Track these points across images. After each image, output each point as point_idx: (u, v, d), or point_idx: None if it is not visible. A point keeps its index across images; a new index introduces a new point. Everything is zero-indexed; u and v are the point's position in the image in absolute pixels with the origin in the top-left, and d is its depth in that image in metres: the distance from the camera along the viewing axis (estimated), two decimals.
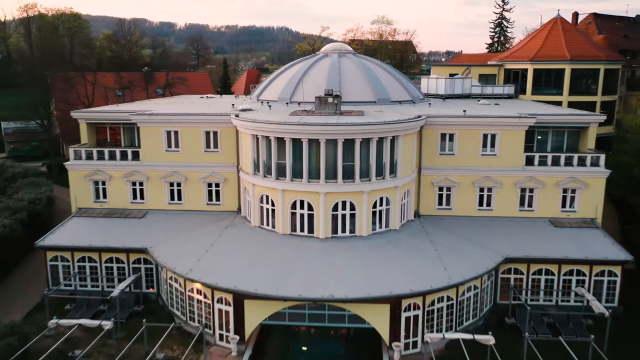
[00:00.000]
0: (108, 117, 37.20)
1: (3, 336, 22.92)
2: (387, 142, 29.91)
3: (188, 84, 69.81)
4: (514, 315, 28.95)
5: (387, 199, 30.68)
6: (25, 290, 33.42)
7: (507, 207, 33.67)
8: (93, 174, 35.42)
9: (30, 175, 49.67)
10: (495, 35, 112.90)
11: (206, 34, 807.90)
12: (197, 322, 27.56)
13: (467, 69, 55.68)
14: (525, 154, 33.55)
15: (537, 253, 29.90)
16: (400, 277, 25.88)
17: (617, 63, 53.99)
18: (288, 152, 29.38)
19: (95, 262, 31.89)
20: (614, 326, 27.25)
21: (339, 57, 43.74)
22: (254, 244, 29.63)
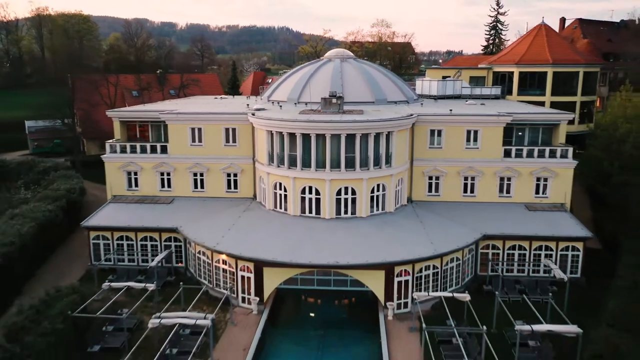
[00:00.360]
0: (138, 116, 42.60)
1: (67, 294, 28.20)
2: (383, 137, 35.23)
3: (200, 85, 75.03)
4: (491, 284, 34.22)
5: (383, 186, 35.99)
6: (70, 266, 38.71)
7: (488, 193, 38.99)
8: (126, 165, 40.76)
9: (60, 169, 55.08)
10: (490, 38, 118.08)
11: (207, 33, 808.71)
12: (222, 288, 32.86)
13: (458, 72, 61.02)
14: (503, 147, 38.88)
15: (512, 231, 35.20)
16: (393, 249, 31.21)
17: (595, 66, 59.29)
18: (298, 145, 34.69)
19: (131, 240, 37.21)
20: (576, 293, 32.58)
21: (341, 61, 49.06)
22: (269, 224, 34.96)
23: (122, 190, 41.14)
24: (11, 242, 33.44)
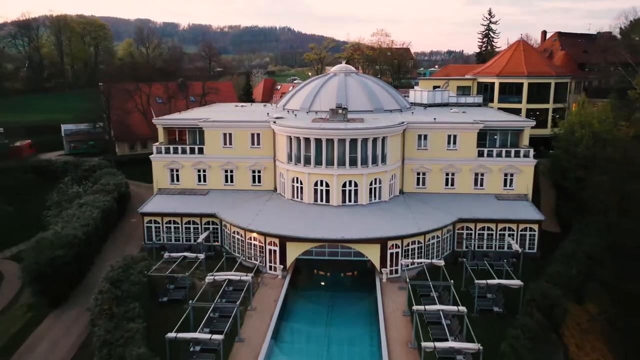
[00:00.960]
0: (179, 123, 52.12)
1: (140, 260, 37.70)
2: (380, 141, 44.72)
3: (218, 93, 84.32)
4: (465, 257, 43.62)
5: (379, 180, 45.48)
6: (126, 244, 48.24)
7: (464, 186, 48.46)
8: (170, 163, 50.33)
9: (103, 167, 64.64)
10: (483, 45, 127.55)
11: (209, 34, 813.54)
12: (253, 259, 42.34)
13: (446, 82, 70.46)
14: (477, 149, 48.33)
15: (482, 215, 44.66)
16: (387, 227, 40.69)
17: (565, 78, 68.70)
18: (312, 147, 44.20)
19: (177, 223, 46.71)
20: (531, 263, 42.01)
21: (345, 76, 58.61)
22: (289, 209, 44.48)
23: (166, 184, 50.69)
24: (88, 224, 42.98)
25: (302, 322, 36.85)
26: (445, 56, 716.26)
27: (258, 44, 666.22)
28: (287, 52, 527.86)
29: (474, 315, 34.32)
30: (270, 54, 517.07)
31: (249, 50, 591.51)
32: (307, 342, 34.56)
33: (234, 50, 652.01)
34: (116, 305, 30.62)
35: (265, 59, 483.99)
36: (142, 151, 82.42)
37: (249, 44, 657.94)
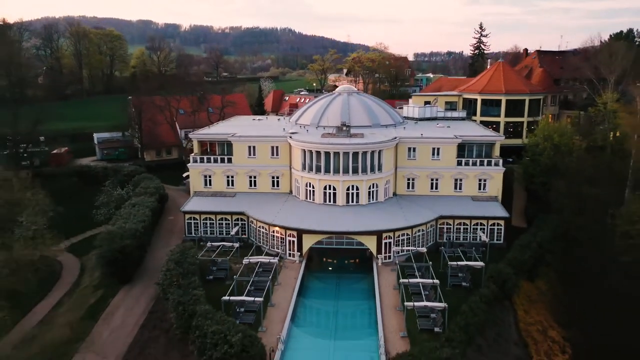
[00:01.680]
0: (211, 137, 63.50)
1: (190, 248, 49.06)
2: (377, 153, 56.10)
3: (235, 105, 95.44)
4: (444, 246, 54.88)
5: (376, 184, 56.88)
6: (169, 238, 59.57)
7: (446, 189, 59.83)
8: (204, 171, 61.74)
9: (138, 173, 75.97)
10: (474, 57, 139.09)
11: (211, 35, 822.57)
12: (275, 248, 53.67)
13: (435, 99, 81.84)
14: (457, 159, 59.68)
15: (458, 213, 56.03)
16: (382, 222, 52.05)
17: (538, 95, 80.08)
18: (322, 159, 55.59)
19: (212, 220, 58.10)
20: (497, 252, 53.29)
21: (348, 95, 70.07)
22: (304, 208, 55.86)
23: (200, 187, 62.11)
24: (143, 220, 54.45)
25: (315, 295, 48.19)
26: (445, 57, 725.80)
27: (259, 45, 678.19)
28: (289, 54, 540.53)
29: (448, 289, 45.59)
30: (272, 56, 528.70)
31: (250, 52, 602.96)
32: (320, 308, 45.93)
33: (236, 51, 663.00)
34: (182, 279, 42.01)
35: (267, 61, 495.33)
36: (167, 157, 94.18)
37: (250, 45, 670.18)
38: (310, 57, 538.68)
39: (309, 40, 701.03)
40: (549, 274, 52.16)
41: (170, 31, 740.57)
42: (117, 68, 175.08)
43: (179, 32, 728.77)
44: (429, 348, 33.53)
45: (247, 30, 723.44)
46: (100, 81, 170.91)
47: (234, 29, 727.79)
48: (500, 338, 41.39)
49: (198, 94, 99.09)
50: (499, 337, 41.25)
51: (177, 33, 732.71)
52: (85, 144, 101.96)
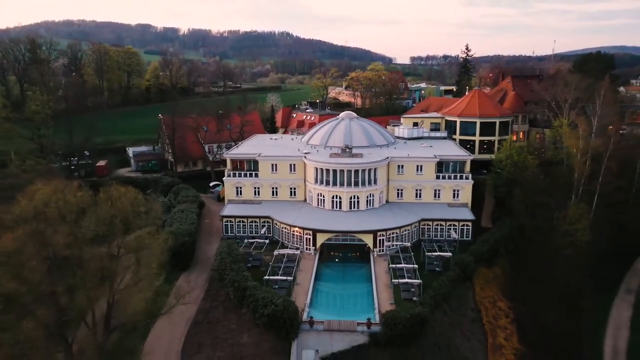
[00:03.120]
0: (240, 157, 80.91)
1: (233, 243, 66.33)
2: (373, 170, 73.64)
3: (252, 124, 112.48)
4: (425, 242, 72.33)
5: (373, 194, 74.41)
6: (210, 237, 76.81)
7: (428, 198, 77.40)
8: (236, 183, 79.17)
9: (177, 183, 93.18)
10: (461, 75, 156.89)
11: (209, 39, 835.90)
12: (296, 244, 71.00)
13: (422, 121, 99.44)
14: (436, 174, 77.25)
15: (436, 216, 73.57)
16: (377, 223, 69.56)
17: (506, 117, 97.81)
18: (330, 174, 73.09)
19: (244, 222, 75.45)
20: (465, 247, 70.76)
21: (349, 120, 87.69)
22: (316, 213, 73.32)
23: (233, 196, 79.49)
24: (193, 222, 71.82)
25: (327, 280, 65.47)
26: (441, 60, 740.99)
27: (257, 49, 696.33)
28: (287, 59, 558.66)
29: (425, 273, 63.00)
30: (271, 61, 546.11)
31: (249, 56, 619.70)
32: (331, 287, 63.30)
33: (234, 55, 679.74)
34: (232, 265, 59.41)
35: (267, 66, 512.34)
36: (194, 168, 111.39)
37: (249, 49, 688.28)
38: (308, 62, 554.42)
39: (307, 44, 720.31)
40: (503, 262, 69.86)
41: (169, 35, 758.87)
42: (133, 82, 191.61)
43: (178, 35, 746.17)
44: (407, 307, 51.09)
45: (246, 34, 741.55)
46: (118, 93, 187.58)
47: (232, 32, 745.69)
48: (461, 306, 59.00)
49: (218, 113, 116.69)
50: (460, 305, 58.87)
51: (175, 37, 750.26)
52: (119, 155, 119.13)
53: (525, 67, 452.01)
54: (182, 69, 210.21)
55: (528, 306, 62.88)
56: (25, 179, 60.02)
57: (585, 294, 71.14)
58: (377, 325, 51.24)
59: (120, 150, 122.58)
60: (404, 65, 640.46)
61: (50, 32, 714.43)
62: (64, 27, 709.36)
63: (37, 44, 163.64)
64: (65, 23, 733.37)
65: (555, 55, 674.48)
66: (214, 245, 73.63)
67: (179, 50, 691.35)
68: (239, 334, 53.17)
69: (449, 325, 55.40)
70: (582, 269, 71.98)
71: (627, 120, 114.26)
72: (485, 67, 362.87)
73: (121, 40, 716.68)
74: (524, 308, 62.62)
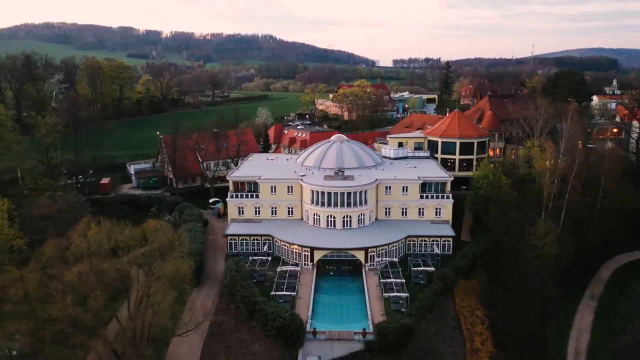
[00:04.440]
0: (242, 179, 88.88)
1: (240, 260, 74.26)
2: (363, 192, 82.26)
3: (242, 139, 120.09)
4: (410, 257, 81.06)
5: (363, 214, 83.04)
6: (215, 254, 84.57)
7: (413, 215, 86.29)
8: (238, 204, 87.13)
9: (181, 202, 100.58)
10: (442, 89, 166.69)
11: (192, 41, 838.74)
12: (295, 260, 79.18)
13: (406, 141, 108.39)
14: (420, 194, 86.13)
15: (420, 233, 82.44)
16: (368, 241, 78.16)
17: (483, 138, 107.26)
18: (325, 196, 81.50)
19: (247, 240, 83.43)
20: (447, 261, 79.70)
21: (340, 143, 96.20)
22: (313, 231, 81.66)
23: (236, 216, 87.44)
24: (201, 241, 79.54)
25: (325, 292, 73.78)
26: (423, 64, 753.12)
27: (241, 52, 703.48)
28: (271, 63, 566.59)
29: (411, 285, 71.68)
30: (255, 65, 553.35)
31: (232, 58, 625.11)
32: (328, 299, 71.64)
33: (218, 58, 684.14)
34: (241, 281, 67.42)
35: (251, 70, 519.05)
36: (192, 184, 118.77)
37: (232, 52, 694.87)
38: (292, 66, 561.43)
39: (290, 47, 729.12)
40: (480, 275, 79.01)
41: (151, 38, 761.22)
42: (125, 94, 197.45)
43: (160, 38, 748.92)
44: (396, 318, 59.75)
45: (229, 37, 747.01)
46: (111, 106, 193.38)
47: (215, 35, 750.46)
48: (443, 315, 67.89)
49: (214, 131, 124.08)
50: (442, 314, 67.75)
51: (158, 40, 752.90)
52: (120, 172, 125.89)
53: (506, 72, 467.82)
54: (172, 80, 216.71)
55: (502, 314, 71.93)
56: (55, 209, 67.06)
57: (553, 301, 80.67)
58: (371, 334, 59.77)
59: (121, 167, 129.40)
60: (387, 68, 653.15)
61: (31, 34, 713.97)
62: (45, 30, 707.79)
63: (33, 59, 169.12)
64: (46, 26, 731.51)
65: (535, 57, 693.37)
66: (220, 261, 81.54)
67: (162, 53, 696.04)
68: (251, 344, 61.29)
69: (433, 332, 64.19)
70: (550, 279, 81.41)
71: (594, 136, 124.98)
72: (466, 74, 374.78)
73: (103, 44, 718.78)
74: (498, 315, 71.68)
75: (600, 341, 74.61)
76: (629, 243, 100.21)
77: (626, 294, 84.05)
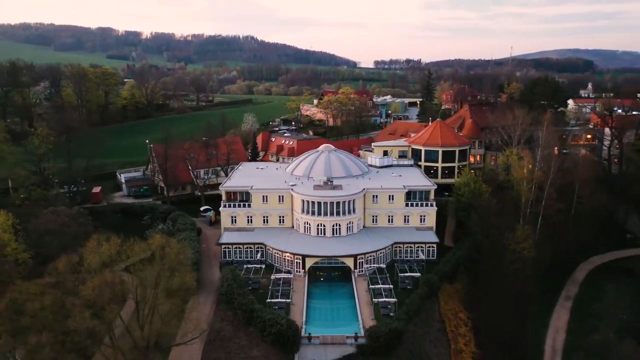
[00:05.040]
0: (234, 189, 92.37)
1: (235, 269, 77.79)
2: (352, 201, 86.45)
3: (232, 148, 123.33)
4: (397, 262, 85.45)
5: (352, 222, 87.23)
6: (209, 261, 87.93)
7: (399, 223, 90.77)
8: (231, 213, 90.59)
9: (173, 210, 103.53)
10: (424, 96, 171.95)
11: (173, 42, 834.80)
12: (287, 267, 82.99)
13: (391, 150, 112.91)
14: (405, 202, 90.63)
15: (407, 240, 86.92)
16: (356, 248, 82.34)
17: (464, 146, 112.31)
18: (315, 205, 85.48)
19: (240, 248, 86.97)
20: (431, 265, 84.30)
21: (328, 153, 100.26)
22: (304, 239, 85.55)
23: (229, 225, 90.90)
24: (197, 251, 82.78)
25: (317, 297, 77.70)
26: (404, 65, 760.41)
27: (222, 53, 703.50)
28: (253, 66, 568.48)
29: (399, 290, 76.04)
30: (237, 67, 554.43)
31: (214, 60, 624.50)
32: (320, 304, 75.58)
33: (199, 59, 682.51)
34: (238, 289, 71.01)
35: (233, 72, 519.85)
36: (182, 192, 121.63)
37: (213, 53, 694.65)
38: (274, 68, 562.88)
39: (272, 48, 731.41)
40: (463, 279, 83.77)
41: (131, 39, 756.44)
42: (111, 100, 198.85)
43: (140, 39, 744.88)
44: (386, 322, 64.02)
45: (210, 38, 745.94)
46: (96, 113, 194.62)
47: (196, 36, 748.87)
48: (429, 318, 72.40)
49: (203, 140, 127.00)
50: (428, 317, 72.25)
51: (138, 41, 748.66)
52: (110, 181, 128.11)
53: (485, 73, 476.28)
54: (157, 85, 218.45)
55: (483, 315, 76.72)
56: (59, 224, 69.88)
57: (531, 302, 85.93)
58: (363, 338, 63.92)
59: (110, 175, 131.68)
60: (368, 69, 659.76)
61: (7, 35, 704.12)
62: (22, 31, 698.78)
63: (18, 67, 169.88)
64: (23, 26, 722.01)
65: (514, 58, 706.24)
66: (215, 269, 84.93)
67: (142, 54, 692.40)
68: (249, 349, 64.98)
69: (420, 335, 68.63)
70: (529, 281, 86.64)
71: (569, 143, 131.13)
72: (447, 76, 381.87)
73: (82, 45, 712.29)
74: (480, 317, 76.46)
75: (574, 339, 79.96)
76: (602, 245, 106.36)
77: (599, 295, 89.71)
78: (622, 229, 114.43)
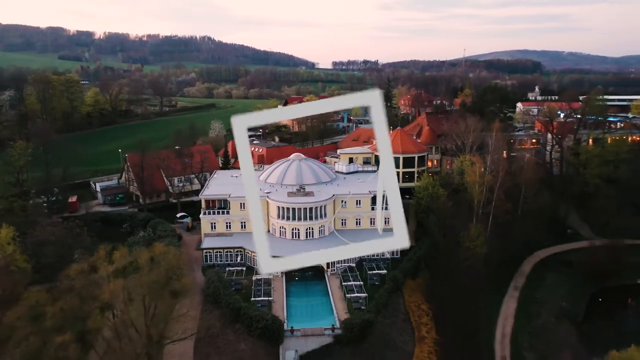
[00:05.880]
0: (213, 197, 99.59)
1: (218, 271, 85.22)
2: (323, 207, 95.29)
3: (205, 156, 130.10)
4: (365, 261, 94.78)
5: (323, 225, 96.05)
6: (192, 266, 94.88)
7: (366, 225, 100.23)
8: (211, 220, 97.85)
9: (152, 218, 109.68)
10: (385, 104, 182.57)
11: (127, 43, 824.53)
12: None
13: (356, 157, 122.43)
14: (371, 205, 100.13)
15: None
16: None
17: (422, 153, 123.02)
18: (290, 211, 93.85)
19: (221, 252, 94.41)
20: (396, 263, 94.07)
21: (299, 161, 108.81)
22: (280, 242, 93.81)
23: (209, 230, 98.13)
24: (178, 260, 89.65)
25: (294, 295, 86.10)
26: (361, 66, 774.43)
27: (179, 53, 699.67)
28: (212, 67, 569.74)
29: (368, 286, 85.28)
30: (196, 68, 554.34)
31: (172, 63, 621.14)
32: (298, 301, 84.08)
33: (155, 60, 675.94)
34: (224, 290, 78.59)
35: (192, 74, 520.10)
36: (158, 199, 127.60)
37: (170, 54, 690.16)
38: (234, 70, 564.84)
39: (230, 49, 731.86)
40: (424, 274, 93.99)
41: (83, 39, 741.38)
42: (75, 105, 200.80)
43: (93, 39, 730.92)
44: (358, 315, 73.21)
45: (166, 39, 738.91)
46: (61, 120, 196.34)
47: (151, 37, 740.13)
48: (395, 310, 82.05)
49: (176, 148, 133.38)
50: (394, 310, 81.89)
51: (91, 41, 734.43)
52: (84, 189, 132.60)
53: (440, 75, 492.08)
54: (121, 92, 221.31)
55: (442, 306, 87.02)
56: (57, 235, 75.72)
57: (484, 294, 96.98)
58: (339, 329, 72.88)
59: (83, 184, 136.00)
60: (327, 70, 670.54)
61: None
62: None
63: None
64: None
65: (467, 59, 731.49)
66: (197, 272, 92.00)
67: (96, 55, 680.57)
68: (237, 343, 72.89)
69: (388, 325, 78.15)
70: (481, 275, 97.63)
71: (516, 147, 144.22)
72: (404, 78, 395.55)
73: (32, 45, 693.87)
74: (440, 308, 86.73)
75: (521, 324, 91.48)
76: (545, 240, 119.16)
77: (543, 285, 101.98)
78: (563, 225, 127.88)
